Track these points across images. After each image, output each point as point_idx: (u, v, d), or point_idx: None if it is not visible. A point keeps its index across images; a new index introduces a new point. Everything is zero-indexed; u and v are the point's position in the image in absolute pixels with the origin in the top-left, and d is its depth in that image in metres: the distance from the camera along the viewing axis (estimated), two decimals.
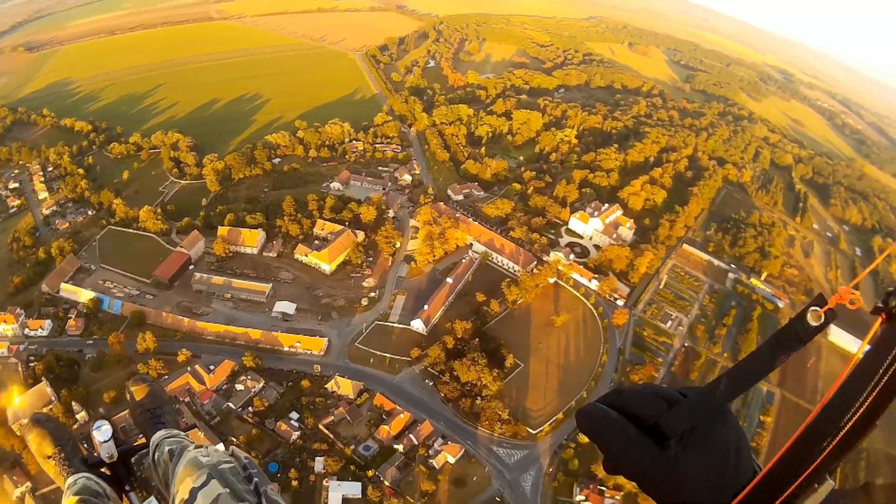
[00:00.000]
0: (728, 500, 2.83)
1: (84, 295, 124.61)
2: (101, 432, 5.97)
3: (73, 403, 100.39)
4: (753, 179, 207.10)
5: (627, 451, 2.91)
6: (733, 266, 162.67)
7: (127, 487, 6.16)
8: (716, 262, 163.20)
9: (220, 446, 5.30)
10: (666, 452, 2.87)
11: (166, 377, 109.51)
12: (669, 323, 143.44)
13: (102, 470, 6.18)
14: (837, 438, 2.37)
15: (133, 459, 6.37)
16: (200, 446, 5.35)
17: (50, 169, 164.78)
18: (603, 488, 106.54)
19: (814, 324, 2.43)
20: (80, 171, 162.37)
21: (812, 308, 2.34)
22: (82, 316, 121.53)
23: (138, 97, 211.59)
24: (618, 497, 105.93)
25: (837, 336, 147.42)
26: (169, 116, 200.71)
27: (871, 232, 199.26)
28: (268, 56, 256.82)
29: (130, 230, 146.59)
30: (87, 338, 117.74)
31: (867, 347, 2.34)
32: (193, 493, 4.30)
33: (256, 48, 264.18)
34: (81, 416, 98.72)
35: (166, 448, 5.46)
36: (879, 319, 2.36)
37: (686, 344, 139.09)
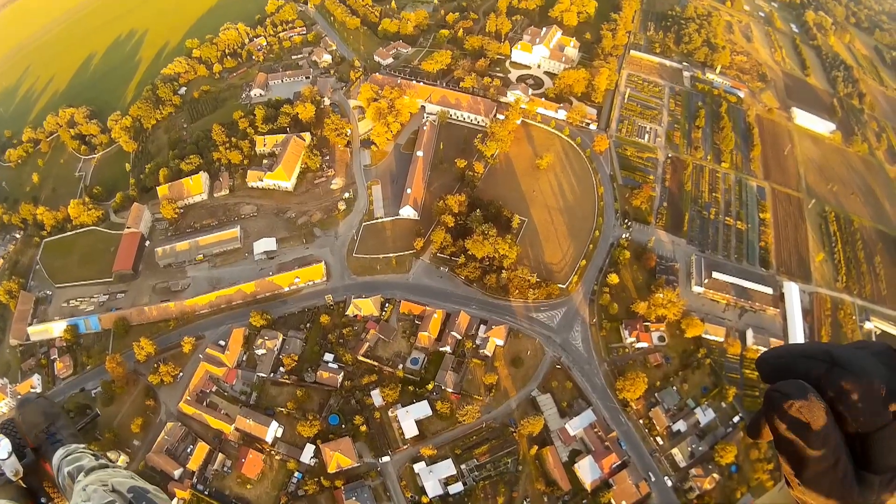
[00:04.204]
0: None
1: (55, 329, 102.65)
2: (0, 448, 4.92)
3: (109, 454, 79.50)
4: None
5: (825, 478, 2.01)
6: (685, 63, 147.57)
7: (43, 500, 5.14)
8: (667, 62, 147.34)
9: (101, 478, 4.11)
10: (865, 491, 1.98)
11: (181, 375, 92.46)
12: (646, 136, 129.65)
13: (18, 482, 5.05)
14: None
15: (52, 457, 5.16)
16: (96, 460, 4.57)
17: None
18: (647, 324, 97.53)
19: None
20: None
21: None
22: (66, 352, 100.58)
23: (10, 91, 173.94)
24: (662, 328, 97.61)
25: (803, 119, 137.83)
26: (52, 94, 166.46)
27: (800, 7, 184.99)
28: None
29: (68, 233, 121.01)
30: (81, 373, 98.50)
31: None
32: None
33: None
34: (122, 460, 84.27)
35: (65, 470, 4.71)
36: None
37: (669, 154, 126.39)
